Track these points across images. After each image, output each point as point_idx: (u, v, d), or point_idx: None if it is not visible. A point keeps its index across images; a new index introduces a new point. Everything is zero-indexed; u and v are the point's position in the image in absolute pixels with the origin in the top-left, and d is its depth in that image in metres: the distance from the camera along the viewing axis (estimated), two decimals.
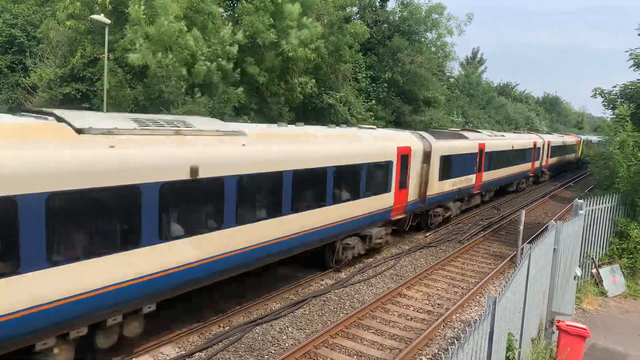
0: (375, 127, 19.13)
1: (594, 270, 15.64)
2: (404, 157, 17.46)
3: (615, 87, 20.35)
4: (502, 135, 31.38)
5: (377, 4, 36.08)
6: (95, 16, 18.86)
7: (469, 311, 12.94)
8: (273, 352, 9.90)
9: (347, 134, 15.21)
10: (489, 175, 26.55)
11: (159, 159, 8.78)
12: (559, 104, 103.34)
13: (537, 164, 37.21)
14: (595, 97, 20.76)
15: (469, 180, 23.76)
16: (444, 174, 20.75)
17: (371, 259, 16.54)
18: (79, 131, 7.94)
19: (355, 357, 9.99)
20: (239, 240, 10.58)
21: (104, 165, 7.92)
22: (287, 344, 10.26)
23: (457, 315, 12.58)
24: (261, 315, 11.48)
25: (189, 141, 9.48)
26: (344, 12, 29.31)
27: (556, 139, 45.13)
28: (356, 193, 14.85)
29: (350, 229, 14.94)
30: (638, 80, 19.74)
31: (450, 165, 21.27)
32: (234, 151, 10.39)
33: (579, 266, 13.86)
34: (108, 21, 18.98)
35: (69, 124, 8.00)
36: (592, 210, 15.39)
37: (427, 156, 19.38)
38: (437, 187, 20.27)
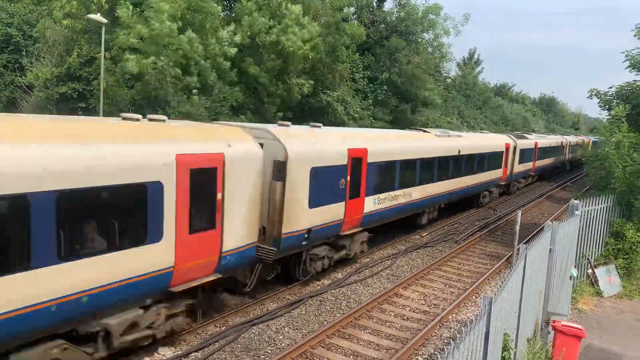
0: (488, 131, 37.39)
1: (590, 271, 15.68)
2: (507, 149, 30.07)
3: (611, 88, 20.44)
4: (544, 137, 44.00)
5: (375, 4, 36.08)
6: (91, 15, 18.83)
7: (465, 311, 12.97)
8: (269, 352, 9.90)
9: (483, 136, 29.12)
10: (538, 163, 38.99)
11: (452, 145, 21.66)
12: (556, 104, 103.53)
13: (562, 157, 49.68)
14: (592, 98, 20.84)
15: (529, 165, 36.13)
16: (520, 161, 32.96)
17: (367, 259, 16.56)
18: (435, 135, 20.94)
19: (351, 357, 10.00)
20: (463, 183, 23.62)
21: (445, 147, 20.89)
22: (283, 344, 10.26)
23: (453, 315, 12.60)
24: (258, 315, 11.48)
25: (453, 139, 22.36)
26: (341, 12, 29.31)
27: (573, 139, 56.18)
28: (489, 167, 27.07)
29: (485, 187, 27.59)
30: (634, 81, 19.82)
31: (523, 155, 33.58)
32: (462, 142, 23.17)
33: (575, 266, 13.90)
34: (104, 20, 18.94)
35: (430, 133, 20.99)
36: (588, 210, 15.43)
37: (514, 149, 31.38)
38: (517, 168, 32.57)
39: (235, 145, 10.36)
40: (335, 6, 28.31)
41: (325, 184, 12.97)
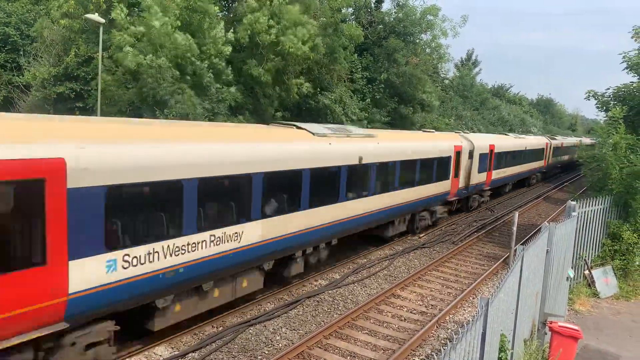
0: (533, 134, 53.70)
1: (587, 272, 15.72)
2: (547, 147, 42.85)
3: (608, 89, 20.48)
4: (565, 138, 58.38)
5: (372, 5, 36.06)
6: (89, 15, 18.79)
7: (462, 312, 12.99)
8: (266, 352, 9.90)
9: (534, 137, 42.75)
10: (562, 157, 51.78)
11: (522, 143, 35.01)
12: (553, 105, 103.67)
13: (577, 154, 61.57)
14: (589, 99, 20.89)
15: (557, 158, 48.97)
16: (552, 155, 45.88)
17: (365, 260, 16.57)
18: (512, 137, 34.91)
19: (348, 357, 10.00)
20: (527, 168, 37.04)
21: (519, 144, 34.26)
22: (280, 345, 10.26)
23: (451, 316, 12.62)
24: (255, 315, 11.47)
25: (521, 139, 35.95)
26: (340, 13, 29.28)
27: (586, 140, 67.03)
28: (538, 158, 39.92)
29: (535, 172, 40.53)
30: (631, 82, 19.87)
31: (552, 151, 45.87)
32: (526, 141, 36.46)
33: (572, 268, 13.93)
34: (102, 20, 18.89)
35: (509, 135, 35.92)
36: (585, 212, 15.47)
37: (550, 146, 44.36)
38: (550, 160, 45.68)
39: (462, 142, 22.97)
40: (333, 7, 28.29)
41: (482, 162, 25.55)
